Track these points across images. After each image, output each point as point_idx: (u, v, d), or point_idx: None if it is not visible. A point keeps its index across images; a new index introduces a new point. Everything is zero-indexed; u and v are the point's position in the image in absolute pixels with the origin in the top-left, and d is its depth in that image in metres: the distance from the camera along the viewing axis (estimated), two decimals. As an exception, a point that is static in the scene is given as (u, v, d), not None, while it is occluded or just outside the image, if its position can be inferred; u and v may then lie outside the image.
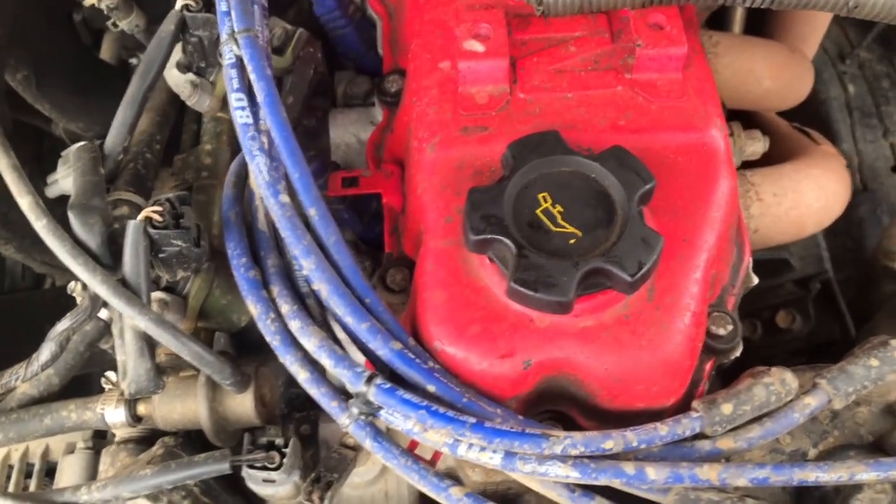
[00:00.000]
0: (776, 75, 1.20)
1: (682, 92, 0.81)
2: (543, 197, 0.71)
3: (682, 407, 0.74)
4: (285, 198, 0.75)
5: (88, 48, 1.44)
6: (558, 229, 0.70)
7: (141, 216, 0.72)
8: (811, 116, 1.65)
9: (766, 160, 1.11)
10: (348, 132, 1.02)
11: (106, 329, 0.79)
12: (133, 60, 1.26)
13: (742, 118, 1.18)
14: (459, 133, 0.81)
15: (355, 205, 1.03)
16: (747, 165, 1.09)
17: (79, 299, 0.76)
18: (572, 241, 0.69)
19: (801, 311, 1.53)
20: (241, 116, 0.77)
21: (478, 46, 0.81)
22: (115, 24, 1.03)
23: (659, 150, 0.79)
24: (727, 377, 0.79)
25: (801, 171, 1.07)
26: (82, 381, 0.91)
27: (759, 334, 1.56)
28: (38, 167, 1.57)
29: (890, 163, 1.67)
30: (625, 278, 0.66)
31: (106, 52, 1.46)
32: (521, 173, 0.72)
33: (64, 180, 0.89)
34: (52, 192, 0.93)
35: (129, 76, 1.32)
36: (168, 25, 0.85)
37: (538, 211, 0.71)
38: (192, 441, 0.81)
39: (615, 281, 0.67)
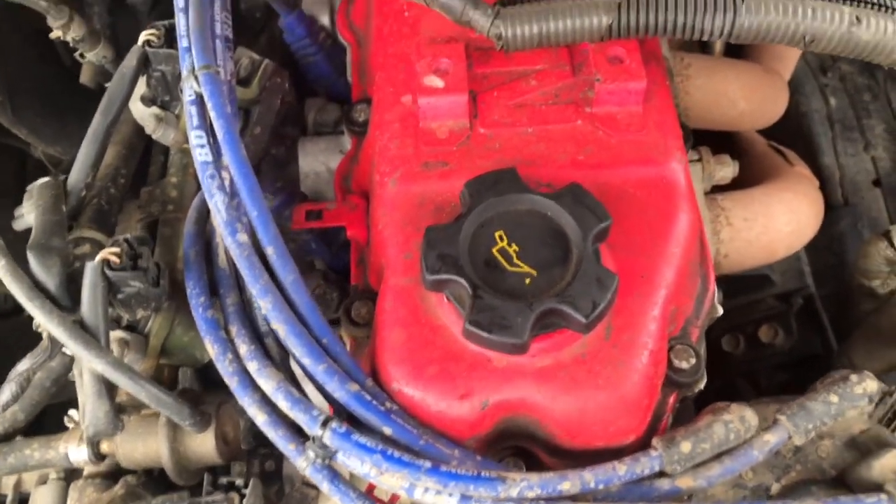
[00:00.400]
0: (750, 96, 1.20)
1: (642, 125, 0.81)
2: (500, 235, 0.71)
3: (645, 443, 0.74)
4: (243, 236, 0.75)
5: (67, 70, 1.44)
6: (514, 269, 0.70)
7: (98, 258, 0.72)
8: (792, 129, 1.66)
9: (740, 181, 1.11)
10: (318, 161, 1.02)
11: (72, 363, 0.79)
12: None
13: (718, 135, 1.18)
14: (420, 168, 0.81)
15: (324, 234, 1.03)
16: (718, 189, 1.09)
17: (44, 335, 0.76)
18: (528, 281, 0.69)
19: (783, 325, 1.53)
20: (200, 154, 0.77)
21: (437, 82, 0.81)
22: (82, 56, 1.03)
23: (618, 184, 0.79)
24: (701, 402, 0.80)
25: (773, 196, 1.07)
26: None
27: (742, 349, 1.56)
28: (21, 193, 1.57)
29: (871, 176, 1.67)
30: (579, 319, 0.66)
31: (85, 75, 1.46)
32: (478, 211, 0.72)
33: (29, 215, 0.89)
34: (18, 225, 0.93)
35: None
36: (130, 61, 0.85)
37: (494, 250, 0.71)
38: (154, 479, 0.81)
39: (570, 321, 0.67)
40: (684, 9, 0.76)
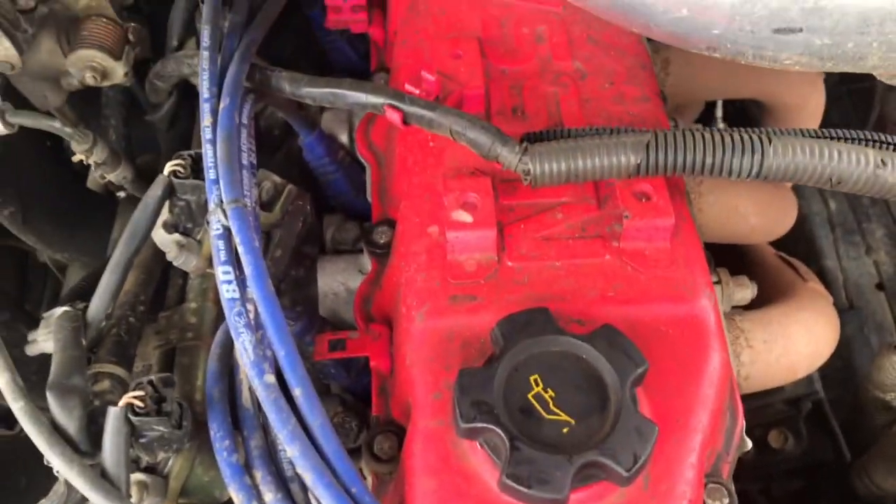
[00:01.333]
0: (761, 211, 1.21)
1: (670, 262, 0.81)
2: (535, 380, 0.70)
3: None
4: (271, 377, 0.73)
5: (76, 175, 1.45)
6: (551, 416, 0.68)
7: (122, 403, 0.70)
8: (794, 232, 1.67)
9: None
10: (336, 281, 1.01)
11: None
12: (121, 194, 1.26)
13: (727, 247, 1.19)
14: (448, 302, 0.80)
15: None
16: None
17: (60, 478, 0.73)
18: (565, 430, 0.67)
19: (793, 430, 1.52)
20: (227, 290, 0.77)
21: (466, 217, 0.81)
22: (103, 177, 1.03)
23: (649, 322, 0.78)
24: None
25: (791, 316, 1.07)
26: None
27: (752, 454, 1.54)
28: (22, 294, 1.55)
29: (874, 280, 1.68)
30: (620, 472, 0.64)
31: (93, 181, 1.46)
32: (512, 354, 0.71)
33: (44, 341, 0.88)
34: (31, 350, 0.91)
35: (116, 206, 1.33)
36: (155, 190, 0.85)
37: (530, 395, 0.69)
38: None
39: (610, 474, 0.65)
40: (713, 150, 0.77)
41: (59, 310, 0.83)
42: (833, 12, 0.70)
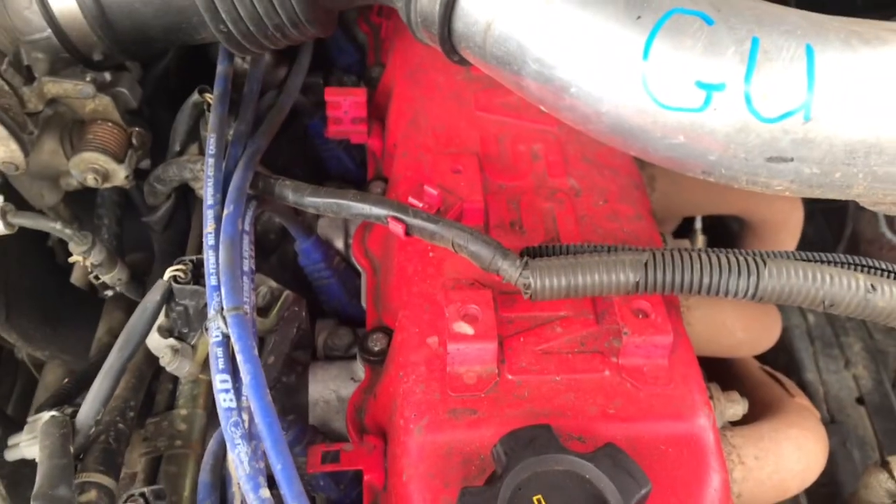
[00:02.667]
0: (748, 326, 1.23)
1: (668, 379, 0.82)
2: (538, 500, 0.69)
3: None
4: (266, 492, 0.71)
5: (60, 270, 1.43)
6: (554, 539, 0.67)
7: (112, 519, 0.67)
8: (775, 344, 1.70)
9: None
10: (328, 388, 1.00)
11: None
12: (108, 293, 1.24)
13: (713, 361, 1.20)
14: (448, 416, 0.79)
15: (332, 467, 0.99)
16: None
17: None
18: (569, 553, 0.66)
19: (781, 548, 1.49)
20: (224, 400, 0.75)
21: (467, 329, 0.81)
22: (97, 278, 1.03)
23: (649, 440, 0.78)
24: None
25: (781, 432, 1.07)
26: None
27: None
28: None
29: (854, 394, 1.70)
30: None
31: (77, 277, 1.45)
32: (514, 473, 0.70)
33: (27, 447, 0.85)
34: (11, 455, 0.88)
35: (100, 303, 1.32)
36: (154, 295, 0.85)
37: (533, 516, 0.68)
38: None
39: None
40: (710, 270, 0.79)
41: (46, 415, 0.81)
42: (822, 144, 0.74)
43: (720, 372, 1.24)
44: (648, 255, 0.80)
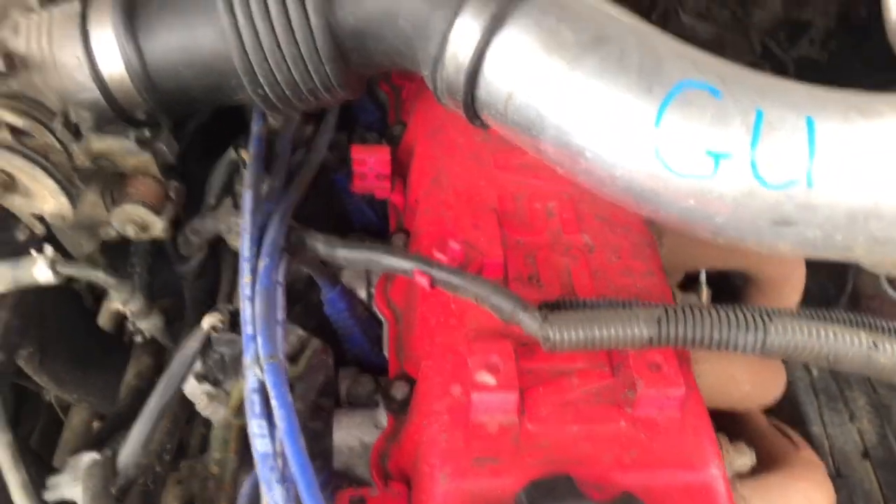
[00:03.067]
0: (754, 378, 1.27)
1: (681, 430, 0.86)
2: (559, 548, 0.73)
3: None
4: (300, 533, 0.75)
5: (88, 314, 1.48)
6: (575, 583, 0.70)
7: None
8: (781, 397, 1.73)
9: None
10: (352, 435, 1.04)
11: None
12: (138, 339, 1.29)
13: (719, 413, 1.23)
14: (472, 464, 0.83)
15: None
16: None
17: None
18: None
19: None
20: (260, 445, 0.79)
21: (489, 379, 0.86)
22: (133, 324, 1.07)
23: (663, 489, 0.81)
24: None
25: (789, 486, 1.10)
26: None
27: None
28: (13, 430, 1.54)
29: (859, 448, 1.73)
30: None
31: (105, 318, 1.49)
32: (536, 519, 0.74)
33: (69, 488, 0.89)
34: (52, 495, 0.91)
35: (125, 347, 1.36)
36: (193, 343, 0.90)
37: (553, 564, 0.72)
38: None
39: None
40: (719, 326, 0.84)
41: (87, 457, 0.85)
42: (823, 209, 0.79)
43: (728, 424, 1.28)
44: (661, 310, 0.85)
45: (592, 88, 0.83)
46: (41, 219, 1.05)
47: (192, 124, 1.28)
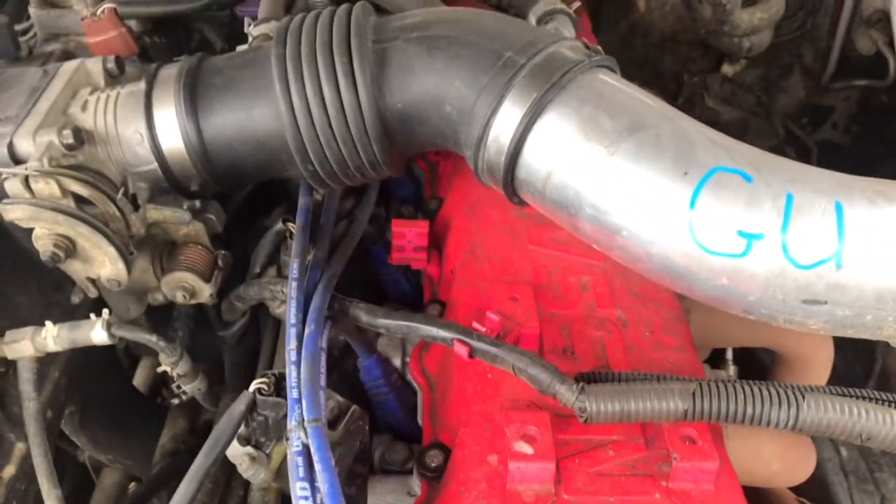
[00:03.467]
0: (783, 457, 1.27)
1: (714, 503, 0.87)
2: None
3: None
4: None
5: (125, 377, 1.52)
6: None
7: None
8: (809, 477, 1.72)
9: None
10: (386, 501, 1.05)
11: None
12: (175, 401, 1.32)
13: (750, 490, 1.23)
14: (508, 531, 0.84)
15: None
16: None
17: None
18: None
19: None
20: (304, 507, 0.82)
21: (527, 448, 0.88)
22: (178, 386, 1.11)
23: (699, 562, 0.82)
24: None
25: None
26: None
27: None
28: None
29: (890, 530, 1.70)
30: None
31: (140, 379, 1.53)
32: (574, 588, 0.75)
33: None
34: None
35: (157, 409, 1.39)
36: (240, 406, 0.93)
37: None
38: None
39: None
40: (752, 401, 0.86)
41: (134, 515, 0.87)
42: (853, 289, 0.82)
43: (757, 502, 1.27)
44: (696, 385, 0.87)
45: (630, 172, 0.87)
46: (93, 282, 1.10)
47: (238, 196, 1.34)
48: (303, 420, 0.88)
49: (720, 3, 1.81)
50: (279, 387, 0.94)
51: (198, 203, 1.17)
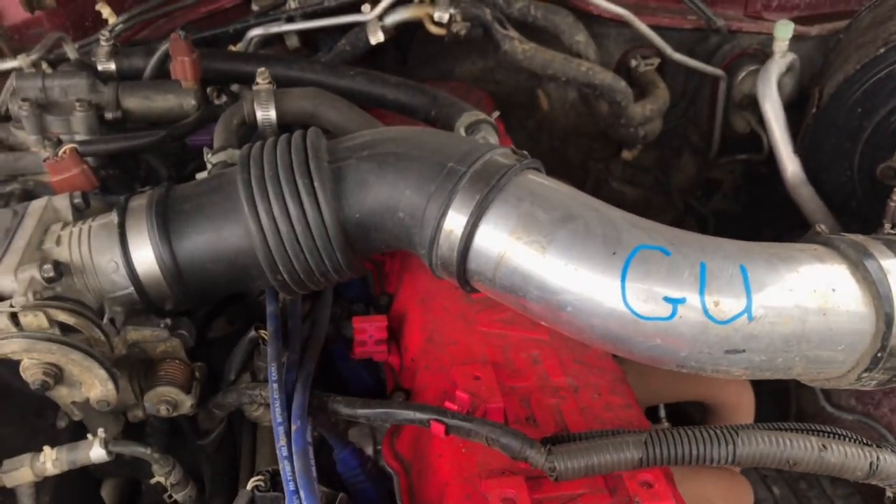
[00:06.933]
0: (724, 496, 1.41)
1: (674, 541, 0.99)
2: None
3: None
4: None
5: (100, 497, 1.52)
6: None
7: None
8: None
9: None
10: (377, 583, 1.12)
11: None
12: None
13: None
14: (499, 589, 0.93)
15: None
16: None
17: None
18: None
19: None
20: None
21: (508, 511, 0.98)
22: (170, 497, 1.16)
23: None
24: None
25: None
26: None
27: None
28: None
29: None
30: None
31: (108, 492, 1.53)
32: None
33: None
34: None
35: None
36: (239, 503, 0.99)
37: None
38: None
39: None
40: (695, 443, 0.99)
41: None
42: (764, 337, 0.98)
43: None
44: (646, 435, 1.00)
45: (567, 256, 1.02)
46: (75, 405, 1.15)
47: (202, 311, 1.42)
48: (302, 510, 0.95)
49: (615, 101, 2.04)
50: (274, 482, 1.02)
51: (169, 320, 1.24)
